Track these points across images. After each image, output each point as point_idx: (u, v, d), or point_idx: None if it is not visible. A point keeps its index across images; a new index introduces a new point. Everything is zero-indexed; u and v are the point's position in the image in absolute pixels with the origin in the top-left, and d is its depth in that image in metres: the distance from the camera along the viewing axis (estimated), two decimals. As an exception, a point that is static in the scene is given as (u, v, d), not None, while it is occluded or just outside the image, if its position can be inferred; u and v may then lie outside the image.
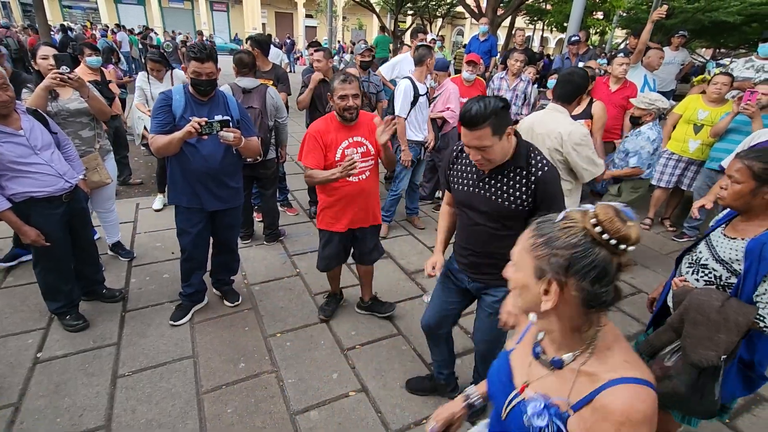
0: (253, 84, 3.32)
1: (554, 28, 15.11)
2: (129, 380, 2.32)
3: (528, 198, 1.62)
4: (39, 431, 2.02)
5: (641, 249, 3.75)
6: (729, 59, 7.93)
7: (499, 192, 1.66)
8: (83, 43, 4.37)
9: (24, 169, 2.27)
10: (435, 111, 4.26)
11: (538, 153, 1.65)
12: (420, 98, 3.83)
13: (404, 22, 18.55)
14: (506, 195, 1.65)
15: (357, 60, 4.21)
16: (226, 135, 2.30)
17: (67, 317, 2.64)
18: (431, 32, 12.22)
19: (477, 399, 1.24)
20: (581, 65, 5.38)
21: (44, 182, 2.34)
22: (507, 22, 12.21)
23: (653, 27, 4.75)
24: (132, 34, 14.63)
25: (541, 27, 20.05)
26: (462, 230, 1.88)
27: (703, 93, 3.99)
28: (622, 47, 10.04)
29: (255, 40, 3.98)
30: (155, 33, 18.90)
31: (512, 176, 1.64)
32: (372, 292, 2.95)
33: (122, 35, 13.63)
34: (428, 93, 3.98)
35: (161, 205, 4.40)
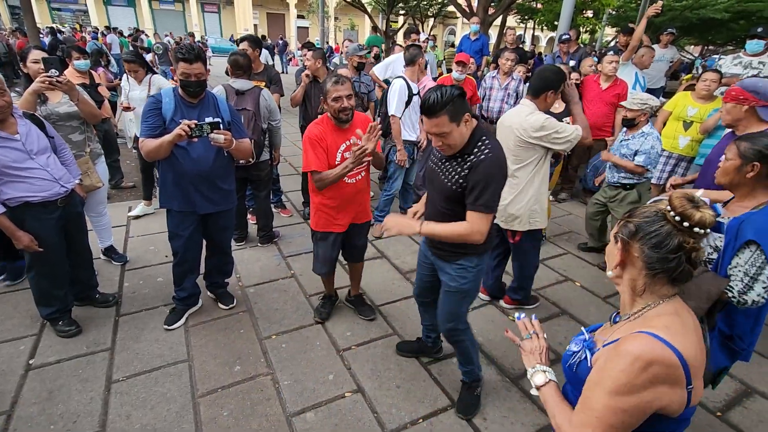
0: (247, 86, 3.30)
1: (545, 27, 15.21)
2: (123, 385, 2.30)
3: (460, 180, 1.75)
4: (32, 438, 1.99)
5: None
6: (717, 56, 8.02)
7: (447, 172, 1.81)
8: (71, 47, 4.32)
9: (19, 174, 2.25)
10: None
11: (489, 141, 1.74)
12: (413, 98, 3.84)
13: (396, 22, 18.59)
14: (450, 175, 1.80)
15: (353, 61, 4.22)
16: (217, 137, 2.30)
17: (60, 323, 2.62)
18: (423, 32, 12.24)
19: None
20: (572, 63, 5.42)
21: (40, 187, 2.32)
22: (498, 21, 12.27)
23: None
24: (122, 37, 14.50)
25: (532, 26, 20.16)
26: (426, 206, 2.06)
27: (692, 89, 4.02)
28: (612, 45, 10.13)
29: (254, 41, 3.95)
30: (146, 35, 18.75)
31: (459, 160, 1.77)
32: (359, 290, 3.01)
33: (112, 37, 13.49)
34: (419, 93, 3.99)
35: (141, 213, 4.26)
